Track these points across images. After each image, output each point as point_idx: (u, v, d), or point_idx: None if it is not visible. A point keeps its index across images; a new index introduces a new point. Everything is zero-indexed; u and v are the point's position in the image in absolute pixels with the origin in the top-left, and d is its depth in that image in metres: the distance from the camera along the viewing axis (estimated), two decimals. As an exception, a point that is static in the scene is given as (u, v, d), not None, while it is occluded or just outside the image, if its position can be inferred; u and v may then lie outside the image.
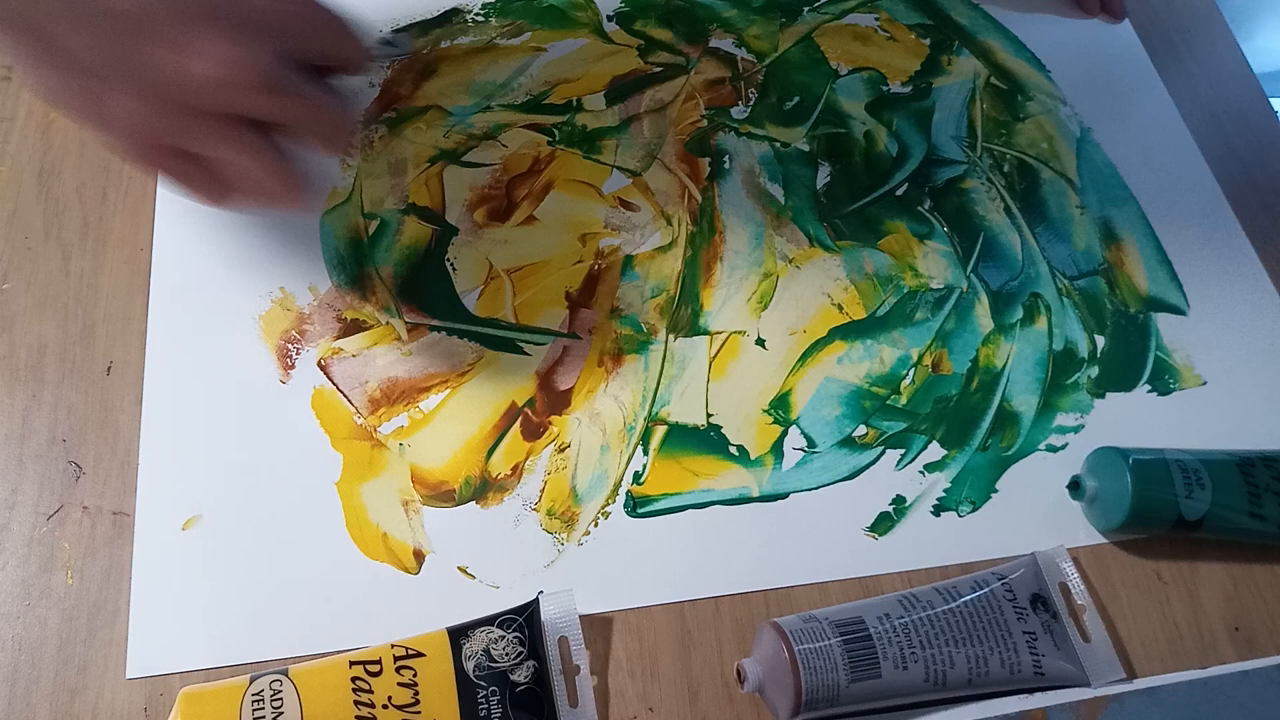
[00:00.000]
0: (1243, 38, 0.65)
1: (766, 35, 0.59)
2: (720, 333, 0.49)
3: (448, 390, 0.46)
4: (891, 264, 0.52)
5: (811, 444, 0.47)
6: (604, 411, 0.46)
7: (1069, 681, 0.41)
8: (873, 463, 0.47)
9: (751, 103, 0.56)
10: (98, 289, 0.46)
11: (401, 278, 0.48)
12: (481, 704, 0.37)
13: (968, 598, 0.41)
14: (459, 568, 0.42)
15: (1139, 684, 0.42)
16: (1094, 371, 0.50)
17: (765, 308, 0.50)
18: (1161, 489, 0.43)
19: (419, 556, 0.42)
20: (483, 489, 0.44)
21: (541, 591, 0.40)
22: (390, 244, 0.49)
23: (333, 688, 0.36)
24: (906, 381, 0.49)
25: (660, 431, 0.46)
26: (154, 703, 0.38)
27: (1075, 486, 0.46)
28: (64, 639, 0.39)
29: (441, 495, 0.43)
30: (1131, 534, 0.46)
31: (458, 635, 0.38)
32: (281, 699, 0.35)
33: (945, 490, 0.46)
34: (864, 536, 0.45)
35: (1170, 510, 0.43)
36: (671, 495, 0.45)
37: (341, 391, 0.45)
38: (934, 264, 0.52)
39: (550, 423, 0.46)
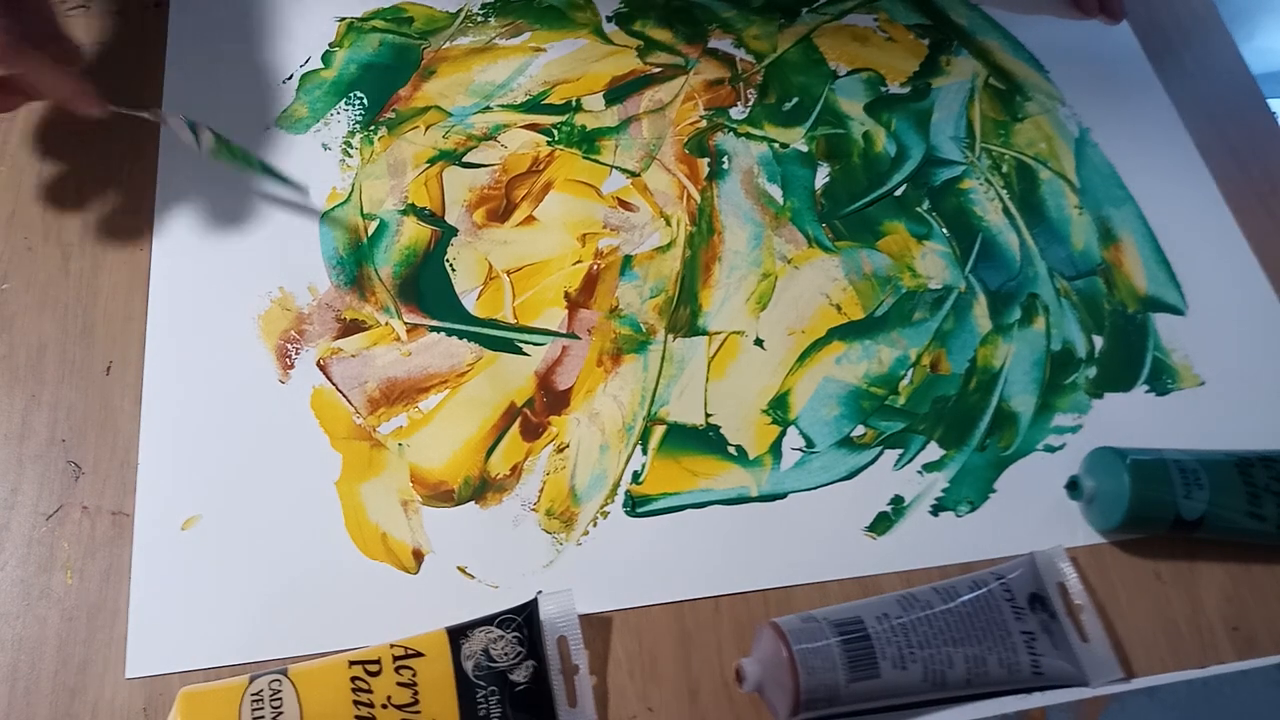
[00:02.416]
0: (1241, 39, 0.65)
1: (765, 36, 0.59)
2: (719, 333, 0.49)
3: (447, 390, 0.46)
4: (890, 264, 0.52)
5: (810, 444, 0.47)
6: (603, 411, 0.46)
7: (1068, 681, 0.41)
8: (871, 463, 0.47)
9: (750, 103, 0.56)
10: (97, 289, 0.46)
11: (401, 278, 0.48)
12: (481, 704, 0.37)
13: (966, 598, 0.41)
14: (458, 567, 0.42)
15: (1138, 684, 0.42)
16: (1092, 372, 0.50)
17: (764, 308, 0.50)
18: (1160, 489, 0.43)
19: (418, 556, 0.42)
20: (482, 489, 0.44)
21: (540, 591, 0.40)
22: (390, 244, 0.49)
23: (332, 688, 0.36)
24: (905, 381, 0.49)
25: (659, 431, 0.46)
26: (153, 702, 0.38)
27: (1073, 486, 0.46)
28: (63, 639, 0.39)
29: (441, 495, 0.43)
30: (1130, 534, 0.46)
31: (457, 635, 0.38)
32: (281, 699, 0.35)
33: (944, 490, 0.46)
34: (863, 536, 0.45)
35: (1168, 510, 0.43)
36: (670, 495, 0.45)
37: (341, 391, 0.45)
38: (932, 264, 0.52)
39: (549, 423, 0.46)
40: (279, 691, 0.36)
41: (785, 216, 0.53)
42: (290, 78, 0.53)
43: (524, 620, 0.39)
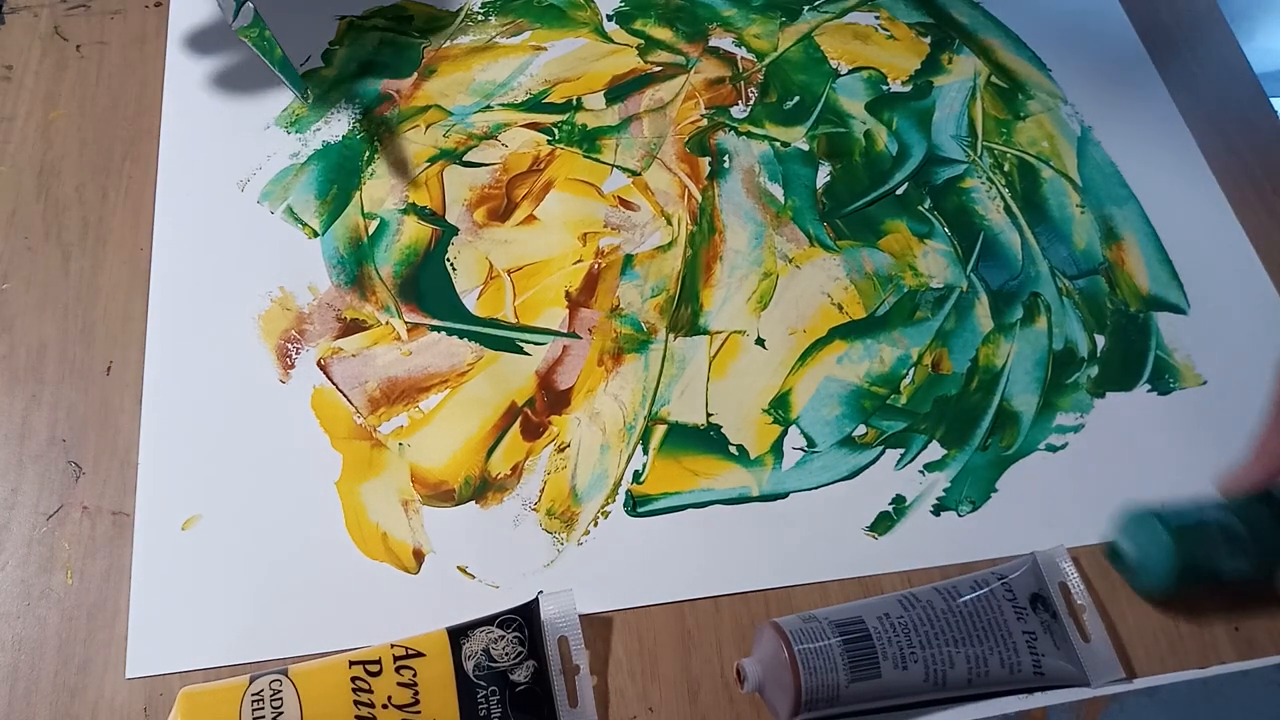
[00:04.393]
0: (1243, 37, 0.65)
1: (766, 34, 0.59)
2: (720, 332, 0.49)
3: (447, 390, 0.46)
4: (891, 263, 0.52)
5: (811, 443, 0.47)
6: (604, 411, 0.46)
7: (1069, 681, 0.41)
8: (872, 462, 0.47)
9: (751, 102, 0.56)
10: (97, 289, 0.46)
11: (401, 277, 0.48)
12: (481, 704, 0.37)
13: (967, 597, 0.41)
14: (459, 567, 0.42)
15: (1139, 684, 0.42)
16: (1094, 371, 0.50)
17: (765, 307, 0.50)
18: (1205, 550, 0.41)
19: (419, 556, 0.42)
20: (482, 489, 0.44)
21: (541, 591, 0.40)
22: (390, 244, 0.49)
23: (332, 688, 0.36)
24: (906, 381, 0.49)
25: (660, 431, 0.46)
26: (154, 703, 0.38)
27: (1115, 554, 0.44)
28: (64, 639, 0.39)
29: (441, 495, 0.43)
30: (1177, 597, 0.44)
31: (457, 635, 0.38)
32: (281, 699, 0.35)
33: (945, 490, 0.46)
34: (864, 536, 0.45)
35: (1215, 573, 0.42)
36: (671, 495, 0.45)
37: (341, 391, 0.45)
38: (934, 263, 0.52)
39: (550, 422, 0.46)
40: (279, 691, 0.36)
41: (786, 215, 0.53)
42: (290, 77, 0.53)
43: (525, 620, 0.39)
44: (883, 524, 0.45)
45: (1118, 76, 0.61)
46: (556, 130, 0.53)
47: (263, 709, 0.35)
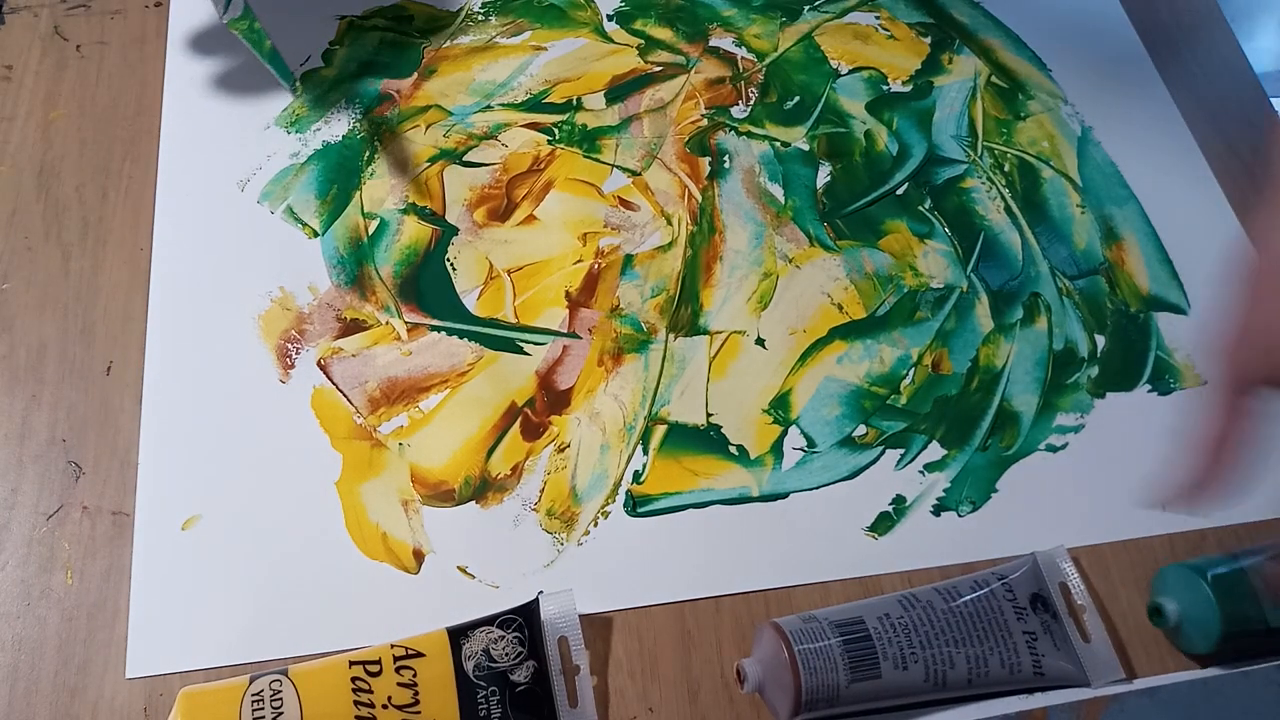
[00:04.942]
0: (1243, 37, 0.65)
1: (767, 34, 0.59)
2: (720, 332, 0.49)
3: (447, 390, 0.46)
4: (892, 263, 0.52)
5: (811, 444, 0.47)
6: (604, 411, 0.46)
7: (1069, 682, 0.41)
8: (873, 462, 0.47)
9: (752, 102, 0.56)
10: (97, 289, 0.46)
11: (401, 277, 0.48)
12: (481, 704, 0.37)
13: (968, 598, 0.41)
14: (459, 567, 0.42)
15: (1139, 684, 0.42)
16: (1094, 371, 0.50)
17: (765, 307, 0.50)
18: (1247, 604, 0.41)
19: (419, 556, 0.42)
20: (482, 489, 0.44)
21: (541, 591, 0.40)
22: (390, 244, 0.49)
23: (332, 688, 0.36)
24: (906, 381, 0.49)
25: (660, 431, 0.46)
26: (154, 703, 0.38)
27: (1157, 613, 0.43)
28: (64, 639, 0.39)
29: (441, 495, 0.43)
30: (1224, 654, 0.43)
31: (457, 635, 0.38)
32: (281, 699, 0.35)
33: (945, 490, 0.46)
34: (864, 536, 0.45)
35: (1260, 624, 0.41)
36: (671, 495, 0.44)
37: (341, 391, 0.45)
38: (934, 263, 0.52)
39: (550, 422, 0.46)
40: (279, 692, 0.36)
41: (787, 215, 0.53)
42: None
43: (525, 620, 0.39)
44: (883, 524, 0.45)
45: (1118, 76, 0.61)
46: (556, 130, 0.53)
47: (263, 709, 0.35)
